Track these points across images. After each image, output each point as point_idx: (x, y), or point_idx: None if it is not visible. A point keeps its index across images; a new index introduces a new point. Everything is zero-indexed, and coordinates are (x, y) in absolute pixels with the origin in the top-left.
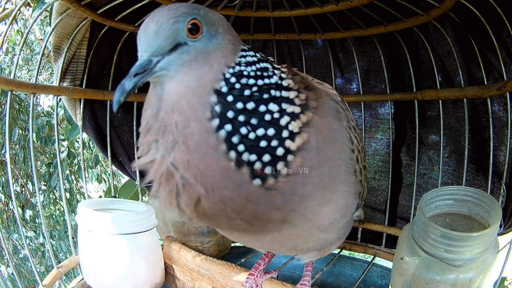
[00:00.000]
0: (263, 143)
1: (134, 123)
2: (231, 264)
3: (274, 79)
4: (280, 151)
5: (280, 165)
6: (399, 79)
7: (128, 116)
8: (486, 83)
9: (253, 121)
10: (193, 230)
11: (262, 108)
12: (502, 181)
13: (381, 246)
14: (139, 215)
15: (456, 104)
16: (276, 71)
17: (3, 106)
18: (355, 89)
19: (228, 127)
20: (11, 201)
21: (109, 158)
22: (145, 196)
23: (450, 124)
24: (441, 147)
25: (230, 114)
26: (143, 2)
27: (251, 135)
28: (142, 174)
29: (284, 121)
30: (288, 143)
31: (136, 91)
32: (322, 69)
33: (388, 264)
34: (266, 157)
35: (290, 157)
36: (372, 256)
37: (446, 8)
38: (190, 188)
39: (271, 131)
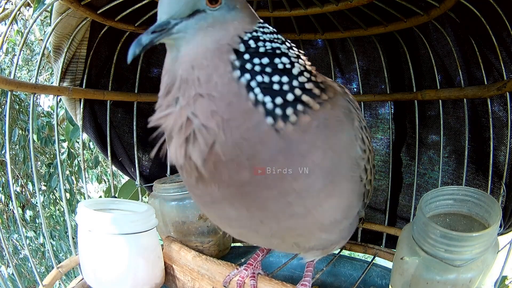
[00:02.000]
0: (276, 86)
1: (134, 123)
2: (231, 264)
3: (286, 45)
4: (290, 96)
5: (289, 111)
6: (399, 79)
7: (128, 116)
8: (486, 83)
9: (268, 69)
10: (193, 230)
11: (276, 60)
12: (502, 181)
13: (381, 246)
14: (139, 215)
15: (456, 104)
16: (290, 45)
17: (3, 106)
18: (355, 89)
19: (247, 76)
20: (11, 201)
21: (109, 158)
22: (145, 196)
23: (450, 124)
24: (441, 147)
25: (248, 66)
26: (143, 2)
27: (266, 79)
28: (142, 174)
29: (296, 70)
30: (297, 91)
31: (136, 91)
32: (322, 69)
33: (388, 264)
34: (278, 100)
35: (300, 107)
36: (372, 256)
37: (446, 8)
38: (207, 133)
39: (285, 79)
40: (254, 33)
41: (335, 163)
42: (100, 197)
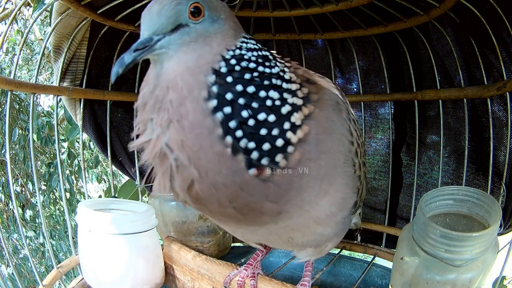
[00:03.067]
0: (263, 131)
1: (134, 123)
2: (231, 264)
3: (276, 70)
4: (280, 142)
5: (279, 157)
6: (399, 79)
7: (128, 116)
8: (486, 83)
9: (254, 104)
10: (193, 230)
11: (263, 93)
12: (502, 181)
13: (381, 246)
14: (139, 215)
15: (456, 104)
16: (278, 63)
17: (3, 106)
18: (355, 89)
19: (227, 109)
20: (11, 201)
21: (109, 158)
22: (145, 196)
23: (450, 124)
24: (441, 147)
25: (228, 96)
26: (143, 2)
27: (251, 122)
28: (142, 174)
29: (285, 110)
30: (289, 134)
31: (136, 91)
32: (322, 69)
33: (388, 264)
34: (266, 146)
35: (290, 149)
36: (372, 256)
37: (446, 8)
38: (184, 170)
39: (272, 118)
40: (238, 51)
41: (330, 164)
42: (100, 197)
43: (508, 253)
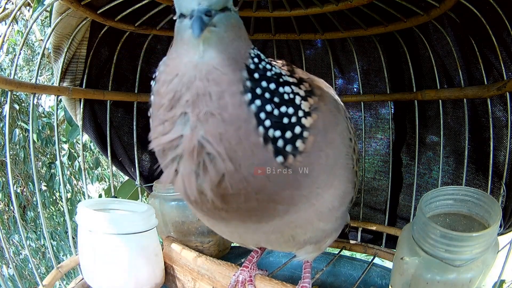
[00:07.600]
0: (285, 120)
1: (134, 123)
2: (231, 264)
3: (278, 69)
4: (298, 129)
5: (298, 143)
6: (399, 79)
7: (128, 116)
8: (486, 83)
9: (276, 99)
10: (193, 230)
11: (281, 89)
12: (502, 181)
13: (381, 246)
14: (139, 215)
15: (456, 104)
16: (276, 65)
17: (3, 106)
18: (355, 89)
19: (258, 102)
20: (11, 201)
21: (109, 158)
22: (145, 197)
23: (450, 124)
24: (441, 147)
25: (258, 90)
26: (143, 2)
27: (276, 112)
28: (142, 174)
29: (298, 100)
30: (304, 120)
31: (136, 91)
32: (322, 69)
33: (388, 264)
34: (288, 134)
35: (305, 134)
36: (372, 256)
37: (446, 8)
38: (218, 164)
39: (291, 110)
40: (255, 50)
41: (335, 154)
42: (100, 196)
43: (508, 253)
